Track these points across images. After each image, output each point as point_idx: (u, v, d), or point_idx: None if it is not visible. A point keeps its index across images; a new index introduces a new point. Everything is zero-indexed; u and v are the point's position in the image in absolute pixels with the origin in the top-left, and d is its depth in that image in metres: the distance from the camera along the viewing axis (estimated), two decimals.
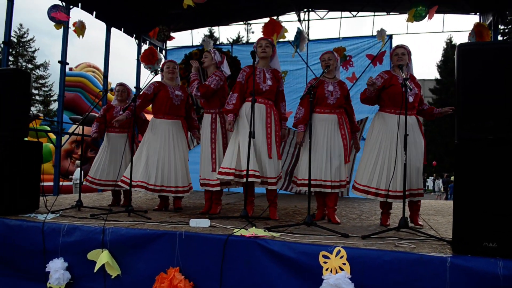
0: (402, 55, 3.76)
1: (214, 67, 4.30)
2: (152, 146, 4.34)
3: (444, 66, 31.95)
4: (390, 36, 7.22)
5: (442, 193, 24.42)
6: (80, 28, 5.83)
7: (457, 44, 2.88)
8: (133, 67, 6.78)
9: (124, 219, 3.60)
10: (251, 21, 8.08)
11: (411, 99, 3.71)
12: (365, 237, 3.03)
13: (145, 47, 7.89)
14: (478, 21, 6.66)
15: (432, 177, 26.72)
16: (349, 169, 4.02)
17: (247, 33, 29.85)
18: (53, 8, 5.55)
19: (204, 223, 3.24)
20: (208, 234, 2.91)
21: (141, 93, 4.35)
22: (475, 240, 2.57)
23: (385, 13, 7.11)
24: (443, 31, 7.07)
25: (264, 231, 3.08)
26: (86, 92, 17.45)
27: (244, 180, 3.76)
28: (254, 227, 3.17)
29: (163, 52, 8.53)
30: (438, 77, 32.13)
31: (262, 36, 6.14)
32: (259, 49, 3.98)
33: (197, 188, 4.67)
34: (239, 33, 31.80)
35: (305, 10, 7.34)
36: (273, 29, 5.57)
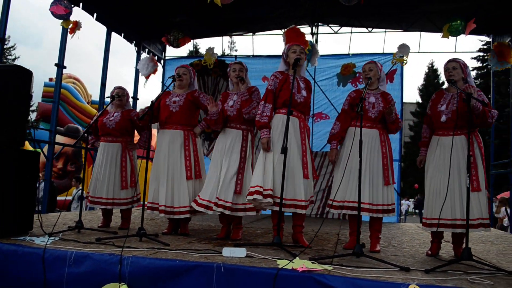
0: (452, 70, 3.45)
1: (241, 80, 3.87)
2: (155, 161, 3.94)
3: (425, 89, 32.48)
4: (394, 54, 7.00)
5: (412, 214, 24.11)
6: (77, 28, 5.30)
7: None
8: (116, 74, 6.28)
9: (138, 245, 3.09)
10: (258, 33, 7.71)
11: (444, 118, 3.37)
12: (429, 271, 2.64)
13: (143, 55, 7.45)
14: (489, 42, 6.53)
15: (405, 199, 26.16)
16: (392, 192, 3.60)
17: (238, 48, 29.59)
18: (53, 3, 5.07)
19: (240, 252, 2.77)
20: (253, 268, 2.45)
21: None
22: None
23: (401, 30, 6.90)
24: (455, 51, 6.88)
25: (312, 263, 2.65)
26: (66, 103, 16.69)
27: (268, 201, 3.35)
28: (297, 258, 2.73)
29: (162, 61, 8.08)
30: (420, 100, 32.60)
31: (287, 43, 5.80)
32: (292, 55, 3.59)
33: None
34: (224, 50, 31.37)
35: (316, 24, 7.06)
36: (297, 39, 5.22)
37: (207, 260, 2.60)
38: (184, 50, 15.78)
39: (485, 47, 25.34)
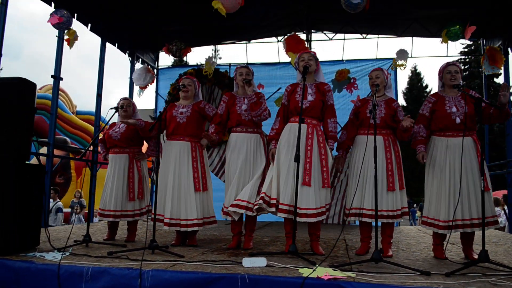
0: (455, 73, 3.52)
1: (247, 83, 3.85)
2: (162, 173, 3.85)
3: (409, 93, 32.98)
4: (392, 60, 7.09)
5: None
6: (74, 39, 5.25)
7: None
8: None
9: (152, 258, 3.02)
10: (253, 41, 7.71)
11: (458, 120, 3.44)
12: (449, 275, 2.66)
13: (138, 65, 7.37)
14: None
15: None
16: (399, 197, 3.60)
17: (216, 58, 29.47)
18: (50, 15, 4.98)
19: (260, 262, 2.74)
20: (279, 277, 2.42)
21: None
22: None
23: (395, 36, 7.00)
24: (447, 55, 7.01)
25: (334, 270, 2.64)
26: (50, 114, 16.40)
27: (272, 209, 3.41)
28: (318, 266, 2.72)
29: (154, 71, 8.01)
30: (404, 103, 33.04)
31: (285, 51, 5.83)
32: (301, 63, 3.63)
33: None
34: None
35: (310, 31, 7.11)
36: (296, 46, 5.24)
37: (228, 271, 2.56)
38: (169, 59, 15.60)
39: (466, 50, 25.96)
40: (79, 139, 16.71)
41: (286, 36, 6.02)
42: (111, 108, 4.01)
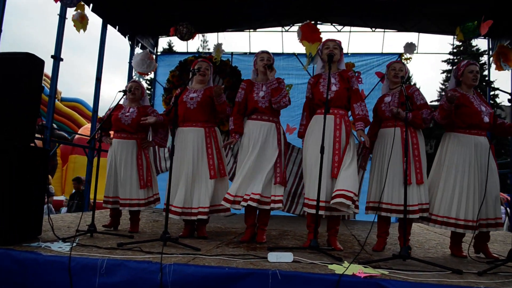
0: (477, 73, 3.43)
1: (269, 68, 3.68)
2: (174, 160, 3.65)
3: None
4: (400, 55, 7.00)
5: None
6: (80, 21, 4.98)
7: None
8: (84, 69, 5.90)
9: (167, 251, 2.84)
10: (258, 29, 7.47)
11: (486, 119, 3.34)
12: (482, 274, 2.57)
13: (137, 50, 7.10)
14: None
15: None
16: (416, 191, 3.44)
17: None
18: None
19: (287, 257, 2.59)
20: (313, 274, 2.27)
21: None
22: None
23: (403, 30, 6.88)
24: (452, 52, 6.92)
25: (365, 267, 2.51)
26: None
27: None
28: (346, 262, 2.59)
29: (154, 56, 7.74)
30: None
31: (299, 40, 5.65)
32: (325, 51, 3.47)
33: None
34: (197, 49, 30.35)
35: (319, 22, 6.93)
36: (311, 35, 5.05)
37: (255, 267, 2.41)
38: (159, 46, 15.18)
39: (455, 50, 26.24)
40: (64, 127, 16.23)
41: (301, 24, 5.82)
42: (120, 91, 3.80)
